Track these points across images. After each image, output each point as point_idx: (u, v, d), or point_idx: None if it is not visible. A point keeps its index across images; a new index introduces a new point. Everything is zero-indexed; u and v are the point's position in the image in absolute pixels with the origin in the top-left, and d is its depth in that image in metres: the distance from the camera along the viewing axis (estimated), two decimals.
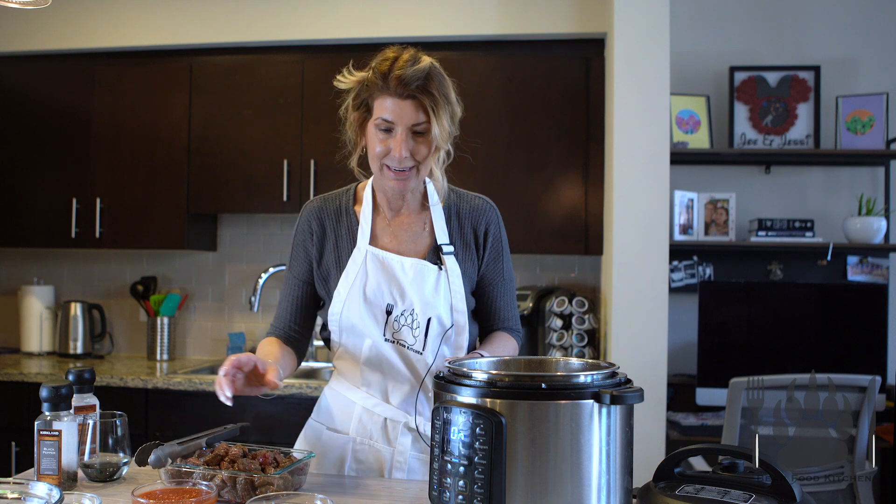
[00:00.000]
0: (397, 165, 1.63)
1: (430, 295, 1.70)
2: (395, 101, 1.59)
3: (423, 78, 1.59)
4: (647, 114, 3.04)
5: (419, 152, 1.63)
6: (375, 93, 1.62)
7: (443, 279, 1.72)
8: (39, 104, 3.78)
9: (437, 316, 1.71)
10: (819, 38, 3.56)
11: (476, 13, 3.47)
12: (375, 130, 1.63)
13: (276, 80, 3.60)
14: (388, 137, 1.62)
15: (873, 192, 3.52)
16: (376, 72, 1.61)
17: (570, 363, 1.46)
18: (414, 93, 1.58)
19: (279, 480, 1.46)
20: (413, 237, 1.76)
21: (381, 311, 1.70)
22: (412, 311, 1.70)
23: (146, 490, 1.30)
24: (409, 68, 1.58)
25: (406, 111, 1.60)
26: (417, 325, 1.70)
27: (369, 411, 1.75)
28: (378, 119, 1.62)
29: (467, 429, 1.21)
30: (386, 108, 1.60)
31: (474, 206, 1.80)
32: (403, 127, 1.61)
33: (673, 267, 3.54)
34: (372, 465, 1.75)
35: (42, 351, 3.96)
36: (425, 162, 1.66)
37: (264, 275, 3.76)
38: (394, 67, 1.59)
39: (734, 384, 2.63)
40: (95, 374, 1.66)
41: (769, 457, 1.26)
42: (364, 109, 1.67)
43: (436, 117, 1.60)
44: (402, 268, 1.71)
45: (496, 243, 1.81)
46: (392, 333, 1.71)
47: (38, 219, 3.77)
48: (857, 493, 2.64)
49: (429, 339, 1.71)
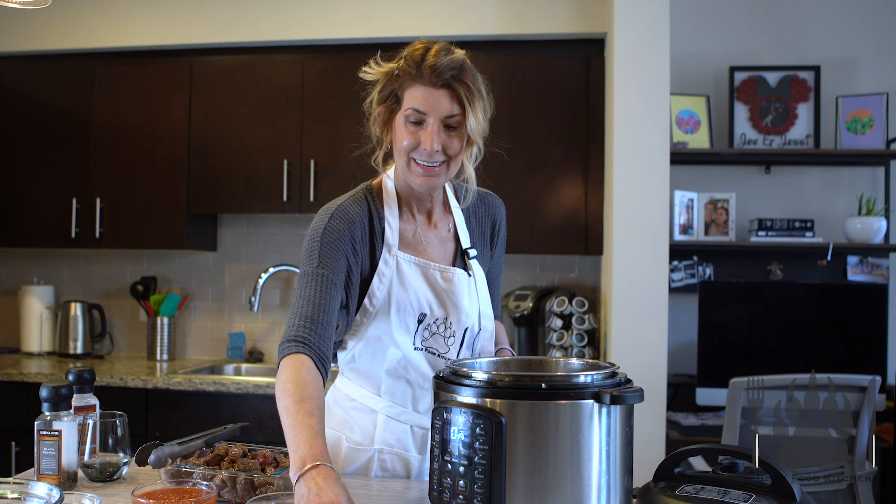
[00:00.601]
0: (427, 160, 1.54)
1: (467, 304, 1.66)
2: (428, 90, 1.51)
3: (457, 68, 1.52)
4: (647, 114, 3.04)
5: (451, 147, 1.55)
6: (407, 82, 1.54)
7: (472, 286, 1.69)
8: (39, 104, 3.78)
9: (472, 325, 1.69)
10: (819, 38, 3.56)
11: (476, 13, 3.47)
12: (404, 122, 1.55)
13: (276, 80, 3.60)
14: (419, 130, 1.54)
15: (873, 192, 3.52)
16: (409, 59, 1.54)
17: (570, 363, 1.46)
18: (449, 81, 1.51)
19: (279, 480, 1.46)
20: (441, 242, 1.71)
21: (412, 319, 1.63)
22: (445, 319, 1.65)
23: (146, 490, 1.30)
24: (443, 57, 1.51)
25: (440, 101, 1.52)
26: (452, 335, 1.65)
27: (394, 420, 1.68)
28: (409, 110, 1.53)
29: (467, 429, 1.21)
30: (418, 98, 1.52)
31: (487, 202, 1.78)
32: (436, 118, 1.52)
33: (673, 267, 3.54)
34: (399, 473, 1.70)
35: (42, 351, 3.96)
36: (456, 158, 1.57)
37: (264, 275, 3.76)
38: (427, 55, 1.52)
39: (734, 384, 2.63)
40: (95, 374, 1.66)
41: (769, 457, 1.26)
42: (392, 101, 1.58)
43: (471, 108, 1.52)
44: (435, 276, 1.65)
45: (503, 238, 1.83)
46: (422, 342, 1.65)
47: (38, 219, 3.77)
48: (857, 493, 2.64)
49: (462, 349, 1.68)
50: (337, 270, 1.56)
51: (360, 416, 1.70)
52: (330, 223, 1.60)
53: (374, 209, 1.66)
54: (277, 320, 3.94)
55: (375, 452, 1.68)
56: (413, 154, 1.56)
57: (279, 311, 3.94)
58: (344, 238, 1.59)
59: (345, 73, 3.53)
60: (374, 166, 1.69)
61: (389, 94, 1.58)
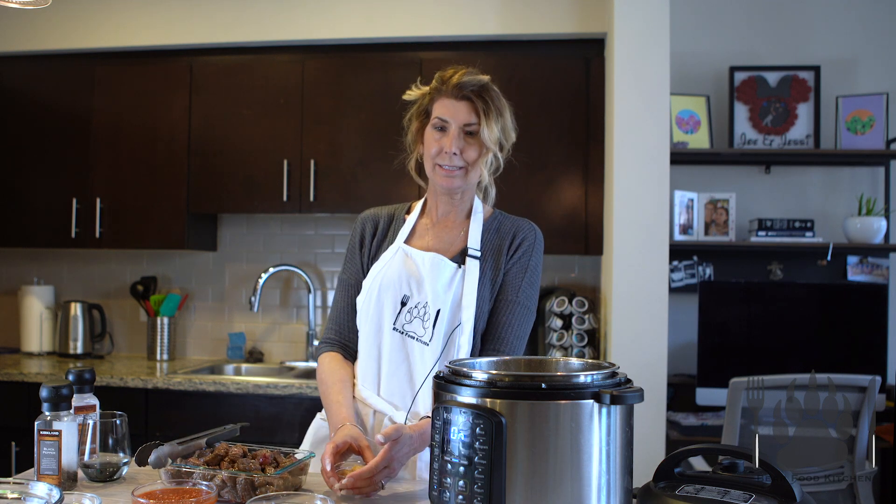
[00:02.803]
0: (448, 162, 1.77)
1: (442, 288, 1.77)
2: (451, 101, 1.77)
3: (478, 86, 1.77)
4: (647, 114, 3.04)
5: (469, 154, 1.77)
6: (435, 97, 1.80)
7: (458, 277, 1.78)
8: (40, 104, 3.78)
9: (446, 310, 1.75)
10: (819, 38, 3.56)
11: (476, 13, 3.47)
12: (432, 131, 1.79)
13: (276, 80, 3.60)
14: (443, 136, 1.78)
15: (873, 192, 3.52)
16: (439, 78, 1.81)
17: (570, 363, 1.46)
18: (469, 95, 1.76)
19: (279, 480, 1.46)
20: (450, 240, 1.85)
21: (396, 301, 1.78)
22: (426, 303, 1.77)
23: (146, 490, 1.30)
24: (467, 77, 1.77)
25: (460, 110, 1.77)
26: (428, 317, 1.76)
27: (363, 403, 1.79)
28: (435, 119, 1.79)
29: (467, 429, 1.21)
30: (442, 108, 1.78)
31: (517, 223, 1.89)
32: (456, 125, 1.76)
33: (673, 267, 3.54)
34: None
35: (42, 351, 3.96)
36: (474, 165, 1.79)
37: (264, 275, 3.76)
38: (454, 75, 1.78)
39: (734, 384, 2.63)
40: (95, 374, 1.66)
41: (769, 457, 1.26)
42: (423, 116, 1.84)
43: (486, 119, 1.76)
44: (421, 261, 1.80)
45: (524, 258, 1.82)
46: (402, 325, 1.78)
47: (39, 219, 3.77)
48: (857, 493, 2.64)
49: (436, 332, 1.75)
50: (354, 272, 1.89)
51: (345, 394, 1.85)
52: (353, 228, 1.94)
53: (398, 214, 1.92)
54: (277, 320, 3.94)
55: None
56: (437, 159, 1.79)
57: (279, 311, 3.94)
58: (356, 239, 1.91)
59: (345, 73, 3.53)
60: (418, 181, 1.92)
61: (422, 111, 1.85)
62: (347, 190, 3.52)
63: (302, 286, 3.91)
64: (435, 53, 3.52)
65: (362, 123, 3.50)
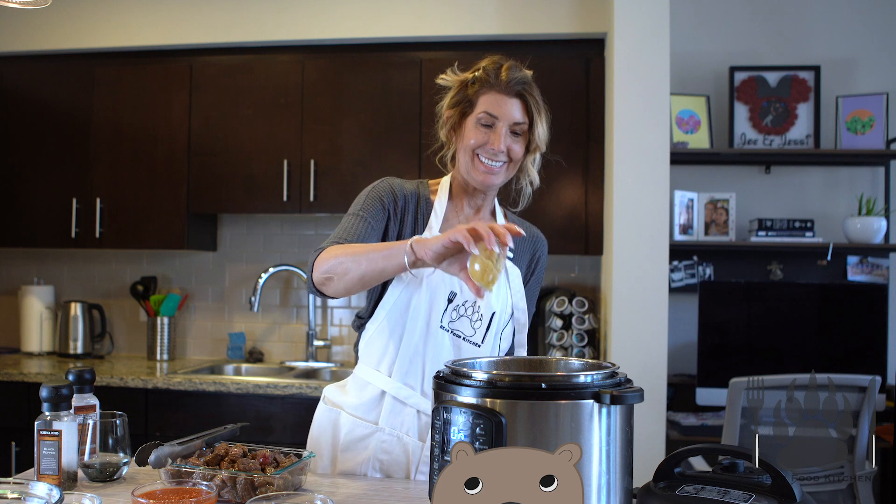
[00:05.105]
0: (493, 158, 1.71)
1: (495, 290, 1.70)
2: (502, 97, 1.70)
3: (527, 83, 1.73)
4: (647, 114, 3.04)
5: (514, 150, 1.72)
6: (482, 89, 1.71)
7: (503, 278, 1.75)
8: (40, 104, 3.78)
9: (500, 311, 1.75)
10: (819, 38, 3.56)
11: (476, 13, 3.47)
12: (476, 124, 1.71)
13: (276, 80, 3.60)
14: (489, 132, 1.70)
15: (873, 192, 3.52)
16: (487, 69, 1.72)
17: (570, 363, 1.46)
18: (521, 92, 1.71)
19: (279, 480, 1.46)
20: None
21: (443, 297, 1.71)
22: (475, 302, 1.72)
23: (146, 490, 1.30)
24: (515, 72, 1.72)
25: (511, 108, 1.70)
26: (479, 318, 1.73)
27: (401, 402, 1.71)
28: (482, 113, 1.70)
29: (467, 429, 1.21)
30: (491, 103, 1.70)
31: (533, 233, 1.88)
32: (506, 123, 1.70)
33: (673, 267, 3.54)
34: (399, 457, 1.71)
35: (42, 351, 3.96)
36: (516, 162, 1.75)
37: (264, 275, 3.76)
38: (502, 69, 1.72)
39: (734, 384, 2.63)
40: (95, 374, 1.66)
41: (769, 457, 1.26)
42: (465, 105, 1.74)
43: (538, 117, 1.72)
44: None
45: (539, 273, 1.88)
46: (449, 323, 1.71)
47: (39, 219, 3.77)
48: (857, 493, 2.64)
49: (489, 334, 1.73)
50: (377, 217, 1.72)
51: (369, 396, 1.75)
52: (380, 184, 1.79)
53: (423, 193, 1.80)
54: (277, 320, 3.94)
55: (378, 432, 1.72)
56: (479, 151, 1.71)
57: (279, 311, 3.94)
58: (387, 197, 1.75)
59: (345, 73, 3.53)
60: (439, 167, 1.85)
61: (462, 100, 1.74)
62: (347, 190, 3.52)
63: (302, 286, 3.91)
64: (435, 53, 3.52)
65: (362, 123, 3.50)
